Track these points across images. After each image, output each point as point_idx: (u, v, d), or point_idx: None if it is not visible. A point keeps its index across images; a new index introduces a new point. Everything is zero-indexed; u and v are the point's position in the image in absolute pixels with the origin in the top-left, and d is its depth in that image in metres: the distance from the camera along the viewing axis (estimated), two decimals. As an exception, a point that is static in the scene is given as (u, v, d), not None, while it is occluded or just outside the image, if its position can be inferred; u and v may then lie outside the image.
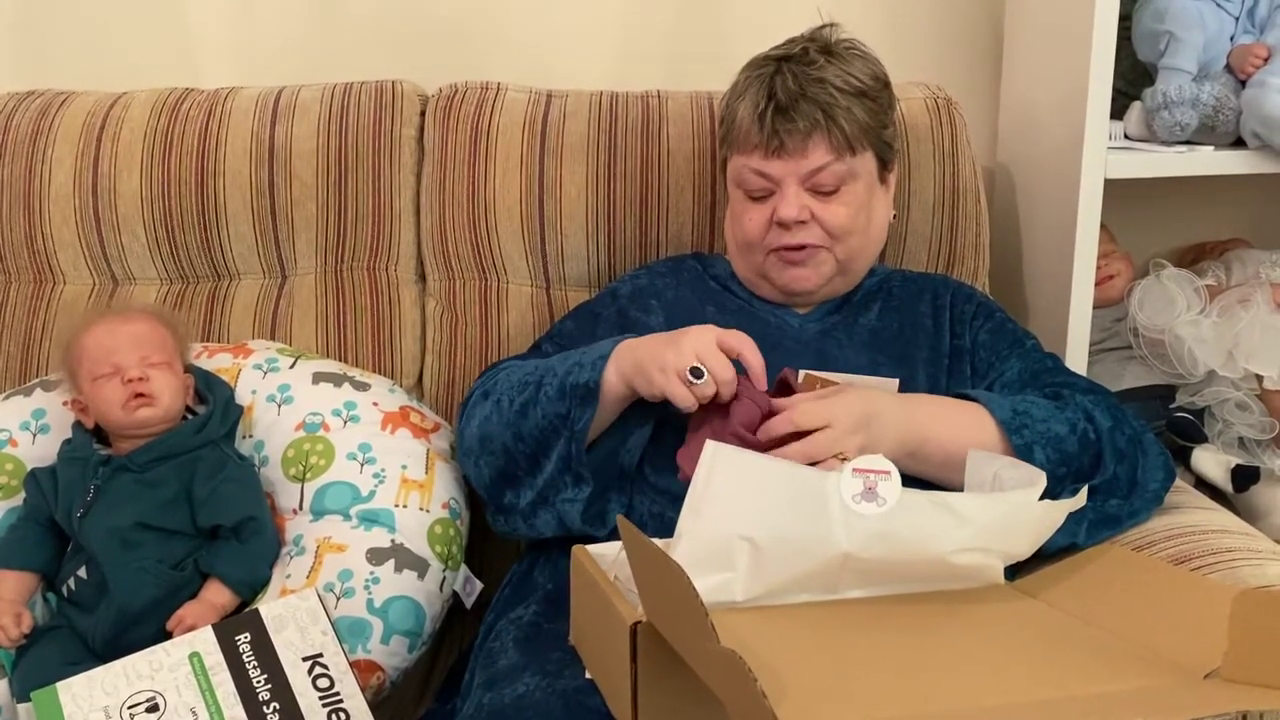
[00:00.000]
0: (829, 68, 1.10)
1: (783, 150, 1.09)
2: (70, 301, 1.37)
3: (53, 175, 1.35)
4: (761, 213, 1.12)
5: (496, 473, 1.08)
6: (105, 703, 0.93)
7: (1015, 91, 1.53)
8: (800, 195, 1.10)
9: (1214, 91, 1.34)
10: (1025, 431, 0.99)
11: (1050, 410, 1.02)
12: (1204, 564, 0.96)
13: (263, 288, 1.38)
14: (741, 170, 1.13)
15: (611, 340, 1.05)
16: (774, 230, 1.12)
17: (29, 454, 1.16)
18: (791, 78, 1.09)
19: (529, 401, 1.04)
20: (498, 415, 1.06)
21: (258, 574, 1.09)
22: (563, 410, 1.02)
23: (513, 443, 1.05)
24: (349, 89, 1.38)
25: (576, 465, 1.03)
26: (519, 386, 1.06)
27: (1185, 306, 1.45)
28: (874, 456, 0.77)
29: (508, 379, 1.09)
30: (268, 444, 1.17)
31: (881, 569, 0.78)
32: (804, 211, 1.10)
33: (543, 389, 1.04)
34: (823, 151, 1.09)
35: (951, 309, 1.18)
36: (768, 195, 1.12)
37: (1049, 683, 0.67)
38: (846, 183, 1.11)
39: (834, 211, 1.11)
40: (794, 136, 1.08)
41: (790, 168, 1.10)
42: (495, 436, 1.06)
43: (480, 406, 1.09)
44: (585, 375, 1.02)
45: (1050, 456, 0.98)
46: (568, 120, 1.36)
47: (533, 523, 1.08)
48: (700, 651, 0.60)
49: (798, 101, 1.08)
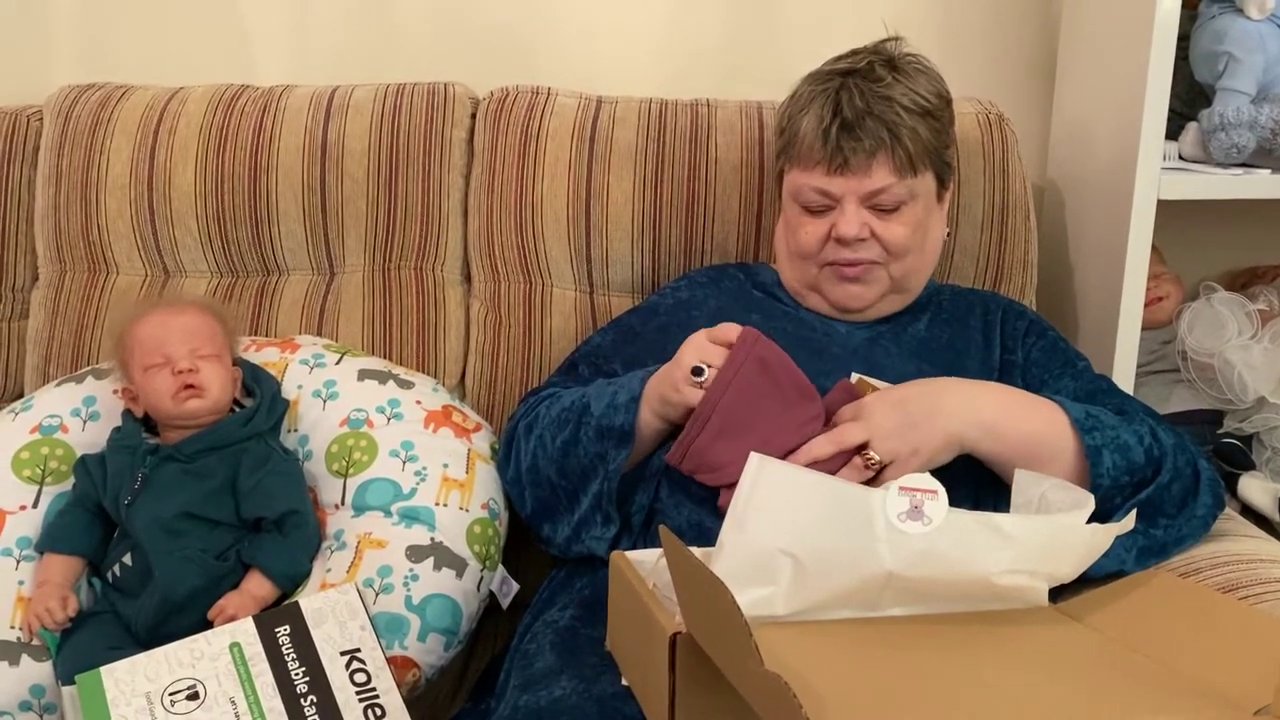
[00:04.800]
0: (895, 85, 1.09)
1: (846, 169, 1.08)
2: (123, 292, 1.39)
3: (110, 167, 1.38)
4: (819, 227, 1.12)
5: (539, 504, 1.12)
6: (147, 688, 0.94)
7: (1068, 108, 1.51)
8: (860, 213, 1.09)
9: (1272, 114, 1.31)
10: (1096, 434, 0.99)
11: (1119, 421, 1.02)
12: (1251, 593, 0.94)
13: (311, 284, 1.39)
14: (801, 186, 1.12)
15: (639, 376, 1.06)
16: (831, 245, 1.11)
17: (79, 440, 1.18)
18: (858, 94, 1.08)
19: (570, 441, 1.07)
20: (542, 452, 1.10)
21: (299, 567, 1.10)
22: (601, 451, 1.05)
23: (556, 478, 1.09)
24: (401, 90, 1.40)
25: (607, 505, 1.06)
26: (559, 423, 1.09)
27: (1236, 331, 1.43)
28: (921, 475, 0.77)
29: (548, 414, 1.11)
30: (312, 438, 1.18)
31: (924, 588, 0.77)
32: (864, 229, 1.09)
33: (582, 428, 1.06)
34: (886, 172, 1.08)
35: (1003, 325, 1.17)
36: (826, 210, 1.11)
37: (1093, 709, 0.66)
38: (906, 203, 1.10)
39: (893, 230, 1.10)
40: (858, 155, 1.07)
41: (852, 186, 1.09)
42: (542, 470, 1.10)
43: (525, 441, 1.13)
44: (620, 418, 1.04)
45: (1117, 463, 0.98)
46: (617, 126, 1.36)
47: (567, 555, 1.12)
48: (742, 670, 0.60)
49: (864, 119, 1.07)
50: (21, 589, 1.09)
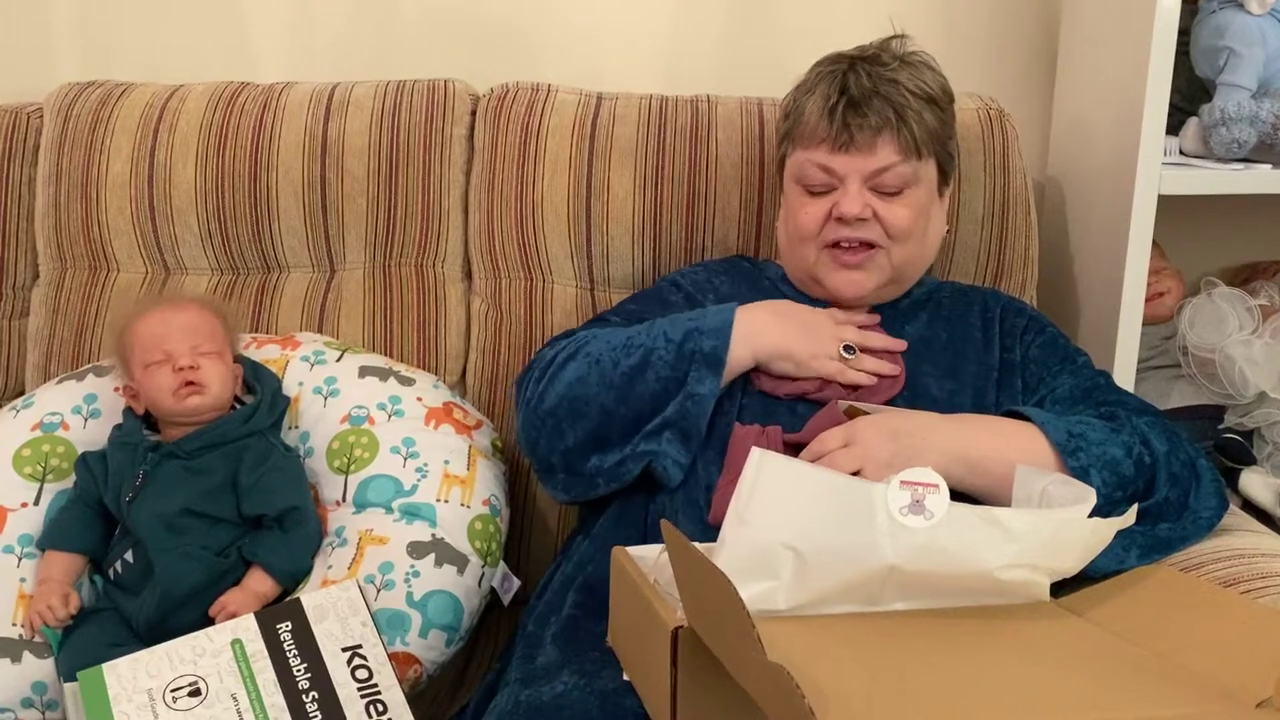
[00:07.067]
0: (902, 70, 1.10)
1: (851, 145, 1.07)
2: (123, 289, 1.39)
3: (110, 164, 1.38)
4: (820, 206, 1.10)
5: (587, 435, 1.05)
6: (149, 685, 0.94)
7: (1068, 104, 1.51)
8: (863, 193, 1.09)
9: (1273, 109, 1.31)
10: (1081, 455, 0.98)
11: (1106, 433, 1.01)
12: (1253, 588, 0.94)
13: (311, 281, 1.39)
14: (804, 164, 1.11)
15: (726, 308, 1.06)
16: (831, 225, 1.10)
17: (80, 438, 1.18)
18: (865, 76, 1.09)
19: (639, 365, 1.03)
20: (598, 376, 1.04)
21: (300, 564, 1.10)
22: (679, 375, 1.02)
23: (614, 405, 1.03)
24: (401, 87, 1.40)
25: (689, 427, 1.02)
26: (623, 349, 1.05)
27: (1237, 326, 1.43)
28: (922, 469, 0.77)
29: (605, 343, 1.06)
30: (313, 435, 1.18)
31: (926, 582, 0.77)
32: (866, 209, 1.08)
33: (654, 353, 1.03)
34: (890, 151, 1.08)
35: (1002, 322, 1.17)
36: (828, 191, 1.11)
37: (1095, 703, 0.66)
38: (910, 185, 1.09)
39: (896, 212, 1.09)
40: (864, 132, 1.07)
41: (856, 164, 1.08)
42: (592, 399, 1.04)
43: (570, 367, 1.05)
44: (709, 343, 1.02)
45: (1107, 480, 0.97)
46: (617, 123, 1.36)
47: (615, 478, 1.05)
48: (744, 662, 0.60)
49: (870, 98, 1.07)
50: (23, 586, 1.09)
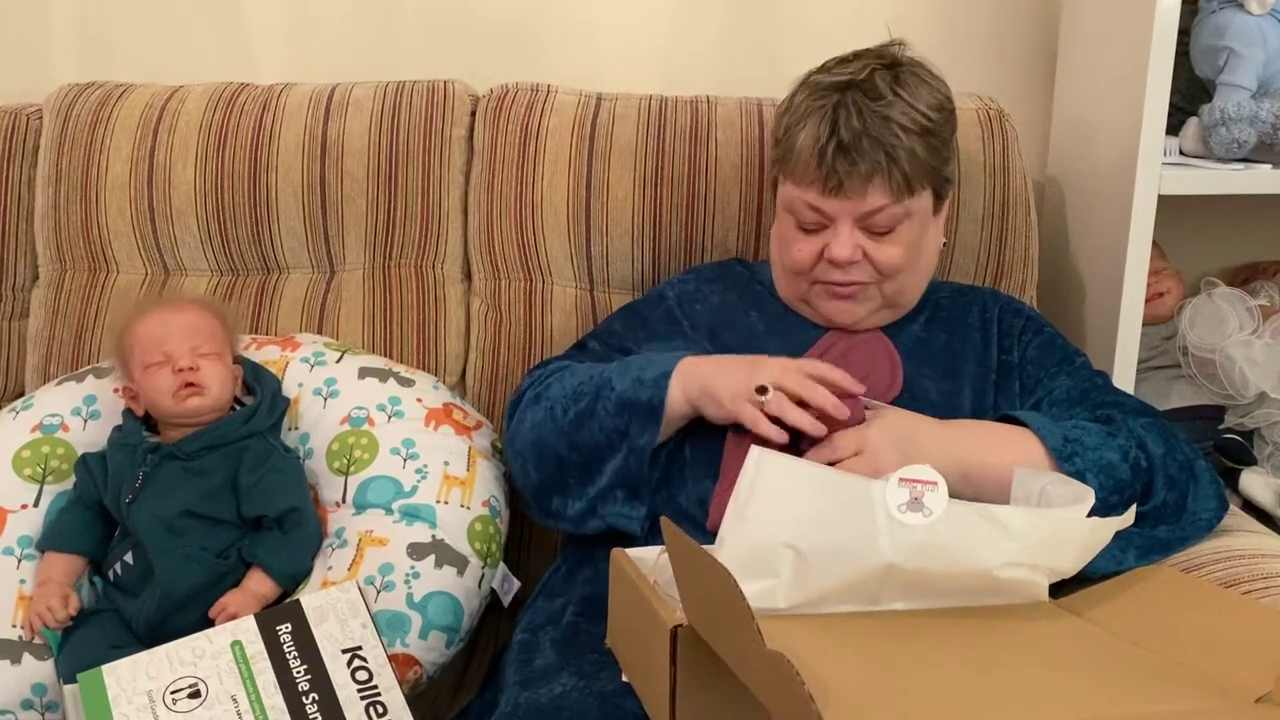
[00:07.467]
0: (895, 104, 1.05)
1: (841, 190, 1.06)
2: (123, 290, 1.39)
3: (110, 166, 1.38)
4: (812, 245, 1.10)
5: (547, 479, 1.08)
6: (149, 687, 0.94)
7: (1068, 104, 1.51)
8: (854, 235, 1.08)
9: (1273, 109, 1.31)
10: (1076, 460, 0.98)
11: (1102, 437, 1.01)
12: (1253, 588, 0.94)
13: (311, 282, 1.39)
14: (795, 201, 1.10)
15: (671, 356, 1.05)
16: (823, 265, 1.10)
17: (80, 439, 1.18)
18: (856, 114, 1.05)
19: (585, 413, 1.04)
20: (551, 423, 1.07)
21: (300, 565, 1.10)
22: (621, 426, 1.03)
23: (566, 452, 1.06)
24: (401, 88, 1.40)
25: (635, 482, 1.03)
26: (573, 395, 1.06)
27: (1237, 326, 1.43)
28: (921, 467, 0.77)
29: (561, 386, 1.09)
30: (313, 436, 1.18)
31: (925, 581, 0.77)
32: (856, 252, 1.08)
33: (600, 401, 1.04)
34: (880, 195, 1.06)
35: (1000, 323, 1.16)
36: (819, 228, 1.10)
37: (1094, 702, 0.66)
38: (901, 223, 1.08)
39: (886, 252, 1.08)
40: (854, 179, 1.05)
41: (847, 208, 1.07)
42: (548, 443, 1.07)
43: (532, 410, 1.10)
44: (647, 393, 1.02)
45: (1103, 484, 0.97)
46: (616, 124, 1.36)
47: (580, 528, 1.09)
48: (744, 654, 0.60)
49: (860, 140, 1.04)
50: (23, 588, 1.09)
